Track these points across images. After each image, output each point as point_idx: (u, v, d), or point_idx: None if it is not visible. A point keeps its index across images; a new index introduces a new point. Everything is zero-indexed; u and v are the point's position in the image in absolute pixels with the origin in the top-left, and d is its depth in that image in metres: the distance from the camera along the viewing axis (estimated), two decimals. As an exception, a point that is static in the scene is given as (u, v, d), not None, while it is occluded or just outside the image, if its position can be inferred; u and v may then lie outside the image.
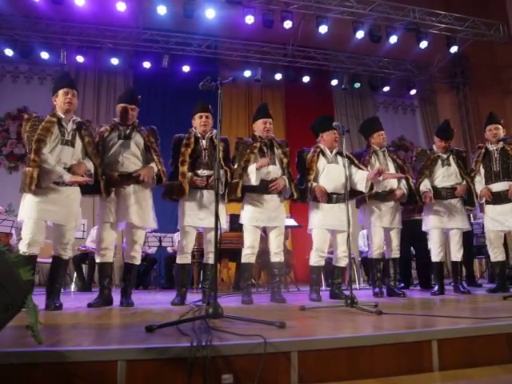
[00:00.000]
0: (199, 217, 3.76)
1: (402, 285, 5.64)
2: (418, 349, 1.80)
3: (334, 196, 4.07)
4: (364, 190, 4.05)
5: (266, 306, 3.47)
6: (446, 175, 4.56)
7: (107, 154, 3.65)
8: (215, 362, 1.52)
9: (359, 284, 6.78)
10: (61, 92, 3.43)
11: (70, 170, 3.29)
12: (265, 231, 4.13)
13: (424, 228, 4.71)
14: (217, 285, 2.24)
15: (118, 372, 1.47)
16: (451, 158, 4.63)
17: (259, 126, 4.04)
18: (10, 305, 1.59)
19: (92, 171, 3.44)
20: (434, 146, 4.75)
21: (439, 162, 4.62)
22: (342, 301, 3.09)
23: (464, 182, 4.56)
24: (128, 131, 3.72)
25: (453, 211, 4.52)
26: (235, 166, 3.92)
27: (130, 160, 3.64)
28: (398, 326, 2.09)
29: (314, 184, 4.05)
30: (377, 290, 4.35)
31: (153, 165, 3.68)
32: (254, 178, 3.77)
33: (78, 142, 3.42)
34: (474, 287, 5.64)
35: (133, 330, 2.09)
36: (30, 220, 3.19)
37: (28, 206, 3.23)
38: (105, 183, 3.49)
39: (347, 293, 3.10)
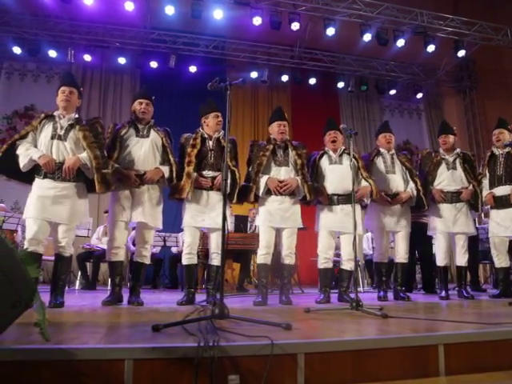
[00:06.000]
0: (203, 217, 3.75)
1: (404, 288, 5.60)
2: (424, 353, 1.80)
3: (335, 197, 4.06)
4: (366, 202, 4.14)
5: (271, 308, 3.47)
6: (451, 179, 4.54)
7: (123, 152, 3.64)
8: (222, 363, 1.52)
9: (363, 287, 6.76)
10: (59, 91, 3.47)
11: (63, 164, 3.27)
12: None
13: (429, 232, 4.69)
14: (223, 285, 2.24)
15: (125, 371, 1.47)
16: (457, 162, 4.61)
17: (274, 129, 4.06)
18: (18, 302, 1.59)
19: (89, 164, 3.34)
20: (440, 149, 4.75)
21: (443, 164, 4.60)
22: (346, 303, 3.08)
23: (470, 187, 4.54)
24: (146, 130, 3.73)
25: (458, 215, 4.50)
26: (250, 169, 3.95)
27: (147, 159, 3.64)
28: (403, 330, 2.09)
29: (316, 184, 4.07)
30: (381, 293, 4.33)
31: (165, 167, 3.68)
32: (261, 190, 3.84)
33: (72, 137, 3.38)
34: (478, 292, 5.62)
35: (139, 329, 2.09)
36: (32, 219, 3.19)
37: (30, 204, 3.23)
38: (101, 177, 3.33)
39: (352, 295, 3.09)
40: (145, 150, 3.65)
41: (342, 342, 1.74)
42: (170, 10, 7.66)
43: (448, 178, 4.55)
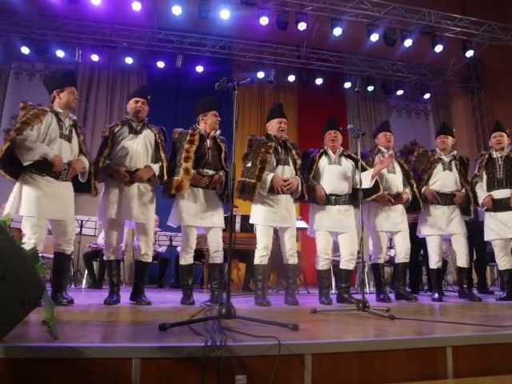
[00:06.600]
0: (201, 216, 3.71)
1: (409, 290, 5.56)
2: (432, 355, 1.79)
3: (333, 197, 4.03)
4: (368, 185, 3.97)
5: (277, 308, 3.46)
6: (446, 180, 4.54)
7: (116, 148, 3.63)
8: (229, 363, 1.52)
9: (369, 288, 6.73)
10: (68, 90, 3.44)
11: (69, 165, 3.29)
12: (275, 232, 4.10)
13: (419, 234, 4.68)
14: (229, 285, 2.24)
15: (132, 369, 1.47)
16: (453, 164, 4.62)
17: (274, 126, 3.99)
18: (27, 300, 1.60)
19: (87, 168, 3.43)
20: (437, 149, 4.75)
21: (440, 165, 4.60)
22: (353, 304, 3.07)
23: (463, 190, 4.54)
24: (139, 127, 3.73)
25: (452, 216, 4.51)
26: (249, 164, 3.86)
27: (139, 156, 3.63)
28: (411, 332, 2.08)
29: (314, 183, 4.04)
30: (382, 295, 4.27)
31: (155, 165, 3.66)
32: (266, 188, 3.78)
33: (75, 138, 3.43)
34: (485, 294, 5.58)
35: (146, 328, 2.10)
36: (34, 218, 3.14)
37: (29, 202, 3.14)
38: (94, 182, 3.52)
39: (358, 296, 3.08)
40: (137, 147, 3.64)
41: (349, 343, 1.74)
42: (176, 10, 7.67)
43: (443, 179, 4.55)
